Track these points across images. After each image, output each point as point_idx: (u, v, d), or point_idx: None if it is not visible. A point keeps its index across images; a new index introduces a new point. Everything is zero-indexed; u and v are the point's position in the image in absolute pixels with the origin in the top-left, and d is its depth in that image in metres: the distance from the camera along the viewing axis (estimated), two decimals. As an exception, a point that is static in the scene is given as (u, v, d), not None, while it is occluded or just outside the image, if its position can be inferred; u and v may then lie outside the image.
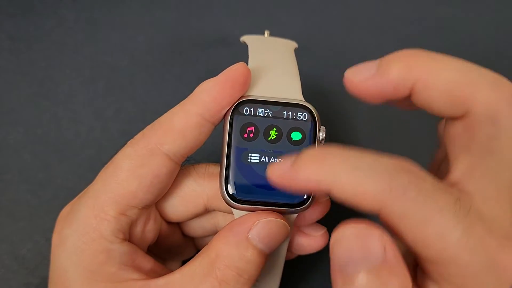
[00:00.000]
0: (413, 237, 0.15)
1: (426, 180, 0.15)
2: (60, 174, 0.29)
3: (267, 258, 0.19)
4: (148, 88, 0.33)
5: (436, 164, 0.22)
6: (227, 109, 0.19)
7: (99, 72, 0.33)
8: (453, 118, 0.17)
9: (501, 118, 0.15)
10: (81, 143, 0.30)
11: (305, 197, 0.19)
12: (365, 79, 0.17)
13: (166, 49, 0.34)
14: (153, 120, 0.20)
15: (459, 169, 0.16)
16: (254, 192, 0.19)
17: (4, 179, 0.29)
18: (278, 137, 0.19)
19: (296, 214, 0.20)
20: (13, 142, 0.30)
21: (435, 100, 0.16)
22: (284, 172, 0.16)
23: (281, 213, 0.19)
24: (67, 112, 0.31)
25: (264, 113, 0.19)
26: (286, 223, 0.19)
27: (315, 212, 0.21)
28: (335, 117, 0.33)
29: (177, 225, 0.23)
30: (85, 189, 0.20)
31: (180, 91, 0.32)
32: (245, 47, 0.22)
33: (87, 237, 0.18)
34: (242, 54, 0.21)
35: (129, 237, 0.20)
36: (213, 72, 0.19)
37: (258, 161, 0.19)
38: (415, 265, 0.18)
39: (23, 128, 0.31)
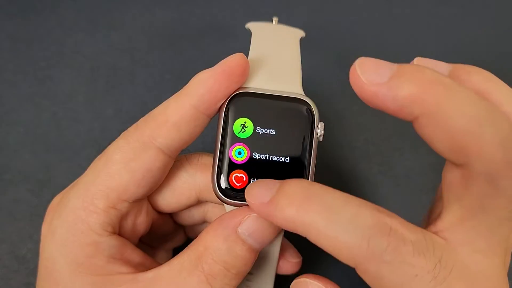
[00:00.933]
0: None
1: (406, 242, 0.14)
2: (60, 174, 0.29)
3: (257, 254, 0.18)
4: (148, 88, 0.33)
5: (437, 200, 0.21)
6: (223, 101, 0.18)
7: (98, 72, 0.33)
8: (452, 163, 0.16)
9: (500, 180, 0.14)
10: (81, 143, 0.30)
11: None
12: (373, 83, 0.15)
13: (166, 49, 0.34)
14: (153, 120, 0.20)
15: (450, 217, 0.16)
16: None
17: (4, 179, 0.29)
18: (274, 131, 0.19)
19: None
20: (13, 142, 0.30)
21: (437, 141, 0.15)
22: (262, 205, 0.16)
23: None
24: (67, 112, 0.31)
25: (261, 106, 0.19)
26: None
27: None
28: (336, 116, 0.33)
29: (169, 215, 0.23)
30: (76, 180, 0.20)
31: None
32: (245, 47, 0.21)
33: (75, 229, 0.18)
34: (243, 53, 0.21)
35: (119, 230, 0.20)
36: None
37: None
38: None
39: (23, 128, 0.31)
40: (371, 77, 0.15)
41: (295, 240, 0.23)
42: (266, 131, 0.19)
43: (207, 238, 0.18)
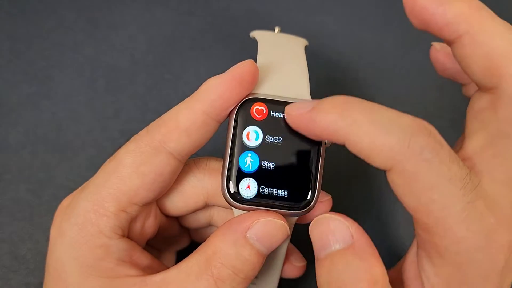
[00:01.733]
0: (417, 201, 0.15)
1: (444, 146, 0.15)
2: (60, 174, 0.29)
3: (265, 258, 0.19)
4: (148, 88, 0.33)
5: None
6: (233, 107, 0.19)
7: (99, 72, 0.33)
8: (482, 89, 0.16)
9: None
10: (81, 143, 0.30)
11: (307, 200, 0.19)
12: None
13: (166, 49, 0.34)
14: (153, 120, 0.20)
15: (472, 145, 0.16)
16: None
17: (4, 179, 0.29)
18: (283, 140, 0.19)
19: (297, 217, 0.20)
20: (13, 142, 0.30)
21: (473, 60, 0.16)
22: (303, 113, 0.16)
23: (283, 215, 0.19)
24: (67, 112, 0.31)
25: (270, 114, 0.19)
26: (286, 224, 0.19)
27: (317, 211, 0.21)
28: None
29: (175, 218, 0.23)
30: (86, 182, 0.20)
31: (180, 91, 0.32)
32: (245, 47, 0.22)
33: (85, 232, 0.18)
34: (242, 54, 0.21)
35: (128, 233, 0.20)
36: (213, 72, 0.19)
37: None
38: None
39: (23, 128, 0.31)
40: None
41: (299, 245, 0.23)
42: (275, 139, 0.19)
43: (216, 242, 0.18)
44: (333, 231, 0.17)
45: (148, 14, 0.36)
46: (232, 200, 0.19)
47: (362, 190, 0.30)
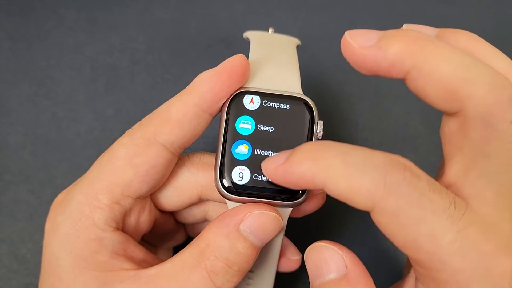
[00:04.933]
0: (404, 237, 0.15)
1: (421, 178, 0.15)
2: (60, 174, 0.29)
3: (259, 251, 0.19)
4: (148, 88, 0.33)
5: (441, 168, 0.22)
6: (225, 100, 0.19)
7: (99, 72, 0.33)
8: (448, 114, 0.16)
9: (495, 121, 0.15)
10: (81, 143, 0.30)
11: (301, 191, 0.19)
12: (363, 47, 0.16)
13: (166, 49, 0.34)
14: (152, 120, 0.20)
15: (454, 170, 0.16)
16: None
17: (4, 179, 0.29)
18: (275, 130, 0.19)
19: (291, 208, 0.20)
20: (13, 142, 0.30)
21: (429, 91, 0.16)
22: (278, 166, 0.16)
23: (276, 206, 0.19)
24: (67, 112, 0.31)
25: (262, 105, 0.19)
26: (279, 216, 0.19)
27: (310, 205, 0.21)
28: (336, 115, 0.33)
29: (171, 213, 0.23)
30: (81, 177, 0.20)
31: (180, 91, 0.32)
32: (245, 47, 0.22)
33: (79, 225, 0.18)
34: (243, 54, 0.21)
35: (122, 227, 0.20)
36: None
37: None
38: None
39: (23, 128, 0.31)
40: (361, 42, 0.16)
41: (295, 238, 0.23)
42: (267, 128, 0.19)
43: (209, 235, 0.18)
44: (327, 260, 0.17)
45: (148, 14, 0.36)
46: (226, 192, 0.19)
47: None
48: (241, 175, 0.19)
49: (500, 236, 0.14)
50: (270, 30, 0.23)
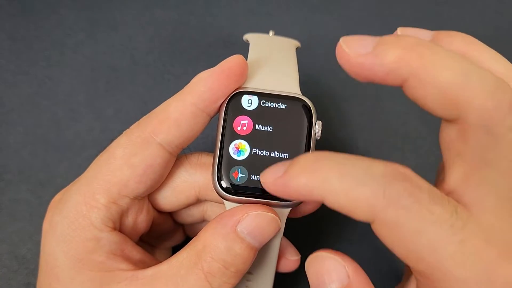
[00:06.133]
0: (406, 249, 0.14)
1: (422, 188, 0.14)
2: (60, 174, 0.29)
3: (256, 252, 0.18)
4: (148, 88, 0.33)
5: (441, 172, 0.21)
6: (223, 100, 0.19)
7: (99, 72, 0.33)
8: (447, 121, 0.16)
9: (496, 128, 0.14)
10: (81, 143, 0.30)
11: None
12: (358, 55, 0.16)
13: (166, 49, 0.34)
14: (152, 120, 0.20)
15: (454, 177, 0.16)
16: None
17: (4, 179, 0.29)
18: (274, 129, 0.19)
19: (289, 209, 0.20)
20: (13, 142, 0.30)
21: (427, 99, 0.15)
22: (276, 180, 0.16)
23: (274, 206, 0.19)
24: (67, 112, 0.31)
25: (260, 105, 0.19)
26: (277, 218, 0.19)
27: (308, 205, 0.21)
28: (334, 117, 0.33)
29: (169, 214, 0.23)
30: (79, 177, 0.20)
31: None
32: (245, 47, 0.22)
33: (76, 224, 0.18)
34: (242, 54, 0.21)
35: (119, 227, 0.20)
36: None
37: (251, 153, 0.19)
38: None
39: (23, 128, 0.31)
40: (356, 49, 0.16)
41: (294, 239, 0.23)
42: (265, 128, 0.19)
43: (206, 236, 0.18)
44: (328, 270, 0.17)
45: (148, 14, 0.36)
46: (224, 193, 0.19)
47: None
48: (238, 175, 0.19)
49: (502, 243, 0.14)
50: (271, 33, 0.23)
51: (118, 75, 0.33)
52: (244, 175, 0.19)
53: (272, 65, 0.20)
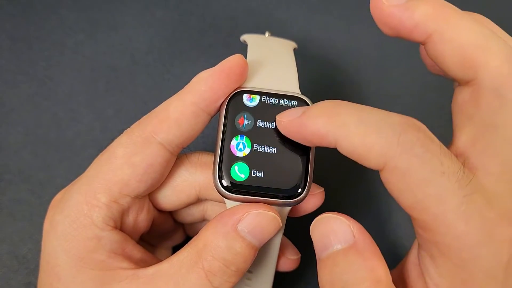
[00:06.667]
0: (412, 197, 0.15)
1: (434, 141, 0.15)
2: (60, 174, 0.29)
3: (257, 251, 0.19)
4: (148, 88, 0.33)
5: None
6: (223, 99, 0.19)
7: (99, 72, 0.33)
8: (461, 82, 0.17)
9: (507, 93, 0.15)
10: (81, 143, 0.30)
11: (299, 190, 0.19)
12: (392, 4, 0.17)
13: (166, 49, 0.34)
14: (152, 120, 0.20)
15: (462, 140, 0.16)
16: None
17: (4, 179, 0.29)
18: (274, 126, 0.19)
19: (289, 207, 0.20)
20: (13, 142, 0.30)
21: (447, 56, 0.16)
22: (293, 119, 0.17)
23: (275, 205, 0.19)
24: (67, 112, 0.31)
25: (260, 104, 0.19)
26: (277, 216, 0.19)
27: (309, 204, 0.21)
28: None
29: (169, 213, 0.23)
30: (79, 177, 0.20)
31: (180, 91, 0.32)
32: (245, 47, 0.22)
33: (77, 223, 0.18)
34: (242, 54, 0.21)
35: (120, 226, 0.20)
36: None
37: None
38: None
39: (23, 128, 0.31)
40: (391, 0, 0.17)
41: (294, 238, 0.23)
42: (266, 125, 0.19)
43: (207, 235, 0.18)
44: (334, 230, 0.17)
45: (148, 14, 0.36)
46: (225, 191, 0.19)
47: (361, 187, 0.30)
48: (239, 171, 0.19)
49: (502, 206, 0.15)
50: (267, 34, 0.23)
51: (118, 75, 0.33)
52: (245, 173, 0.19)
53: (271, 65, 0.21)
